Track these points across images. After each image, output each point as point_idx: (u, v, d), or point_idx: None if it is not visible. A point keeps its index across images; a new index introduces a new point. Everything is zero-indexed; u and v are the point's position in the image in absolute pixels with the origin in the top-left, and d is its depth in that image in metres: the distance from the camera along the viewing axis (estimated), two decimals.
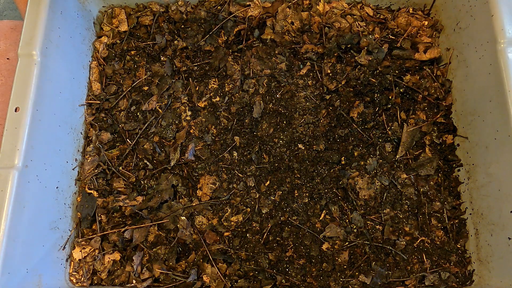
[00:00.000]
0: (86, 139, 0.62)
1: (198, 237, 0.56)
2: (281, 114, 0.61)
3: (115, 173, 0.60)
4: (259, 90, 0.62)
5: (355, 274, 0.54)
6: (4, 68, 0.66)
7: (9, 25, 0.70)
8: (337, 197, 0.57)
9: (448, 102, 0.60)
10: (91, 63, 0.65)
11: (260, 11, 0.65)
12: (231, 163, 0.59)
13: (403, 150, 0.58)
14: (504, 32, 0.50)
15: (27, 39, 0.53)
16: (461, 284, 0.54)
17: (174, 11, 0.67)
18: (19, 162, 0.49)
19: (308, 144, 0.59)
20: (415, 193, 0.57)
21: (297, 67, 0.63)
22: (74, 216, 0.58)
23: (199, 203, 0.57)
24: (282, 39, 0.64)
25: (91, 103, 0.63)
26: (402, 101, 0.60)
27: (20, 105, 0.50)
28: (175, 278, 0.55)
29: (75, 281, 0.56)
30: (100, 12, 0.67)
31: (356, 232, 0.56)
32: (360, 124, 0.59)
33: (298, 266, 0.54)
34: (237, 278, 0.54)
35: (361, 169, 0.58)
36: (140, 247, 0.56)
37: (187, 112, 0.62)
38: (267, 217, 0.57)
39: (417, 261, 0.54)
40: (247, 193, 0.58)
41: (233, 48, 0.64)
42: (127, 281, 0.55)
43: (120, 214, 0.58)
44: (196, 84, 0.63)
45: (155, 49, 0.65)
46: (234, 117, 0.61)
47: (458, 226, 0.56)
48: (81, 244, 0.57)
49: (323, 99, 0.61)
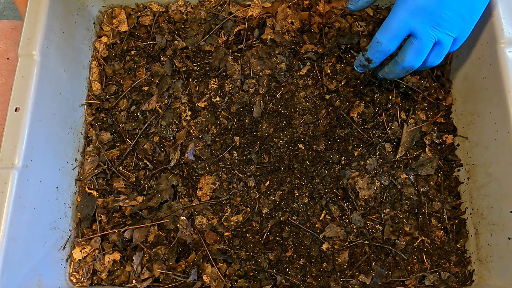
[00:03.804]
0: (86, 139, 0.62)
1: (198, 237, 0.56)
2: (281, 114, 0.61)
3: (115, 173, 0.60)
4: (259, 90, 0.62)
5: (355, 274, 0.54)
6: (4, 68, 0.66)
7: (9, 25, 0.70)
8: (337, 197, 0.57)
9: (448, 102, 0.60)
10: (91, 63, 0.65)
11: (260, 11, 0.65)
12: (231, 163, 0.59)
13: (403, 150, 0.58)
14: (504, 32, 0.50)
15: (27, 39, 0.53)
16: (461, 284, 0.54)
17: (174, 11, 0.67)
18: (19, 162, 0.49)
19: (308, 144, 0.59)
20: (415, 193, 0.57)
21: (297, 67, 0.63)
22: (74, 216, 0.58)
23: (199, 203, 0.57)
24: (282, 39, 0.64)
25: (91, 103, 0.63)
26: (402, 101, 0.60)
27: (20, 105, 0.51)
28: (175, 278, 0.55)
29: (75, 281, 0.56)
30: (100, 12, 0.67)
31: (356, 232, 0.56)
32: (360, 124, 0.59)
33: (298, 266, 0.54)
34: (237, 278, 0.54)
35: (361, 169, 0.58)
36: (140, 247, 0.56)
37: (187, 112, 0.62)
38: (267, 217, 0.57)
39: (417, 261, 0.54)
40: (247, 193, 0.58)
41: (233, 48, 0.64)
42: (127, 281, 0.55)
43: (120, 214, 0.58)
44: (196, 84, 0.63)
45: (155, 49, 0.65)
46: (234, 117, 0.61)
47: (458, 226, 0.56)
48: (81, 244, 0.57)
49: (323, 99, 0.61)
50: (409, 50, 0.46)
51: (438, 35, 0.45)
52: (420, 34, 0.45)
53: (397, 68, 0.49)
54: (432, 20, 0.44)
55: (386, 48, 0.46)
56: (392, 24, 0.45)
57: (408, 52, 0.46)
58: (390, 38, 0.46)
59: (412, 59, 0.47)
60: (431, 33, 0.45)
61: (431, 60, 0.48)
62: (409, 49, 0.46)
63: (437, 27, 0.44)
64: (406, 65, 0.48)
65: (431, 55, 0.47)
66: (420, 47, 0.46)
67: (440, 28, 0.45)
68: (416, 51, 0.46)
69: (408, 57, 0.47)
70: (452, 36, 0.46)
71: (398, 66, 0.49)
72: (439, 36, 0.45)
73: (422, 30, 0.44)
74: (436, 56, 0.47)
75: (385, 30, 0.46)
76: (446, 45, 0.46)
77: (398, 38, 0.46)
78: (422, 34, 0.45)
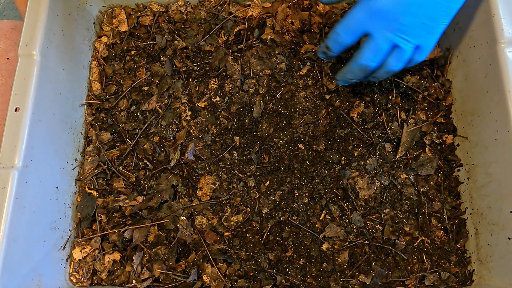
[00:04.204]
0: (86, 139, 0.62)
1: (198, 237, 0.56)
2: (281, 114, 0.61)
3: (115, 173, 0.60)
4: (259, 90, 0.62)
5: (355, 274, 0.54)
6: (4, 68, 0.66)
7: (9, 25, 0.70)
8: (337, 197, 0.57)
9: (448, 102, 0.60)
10: (91, 63, 0.65)
11: (260, 11, 0.65)
12: (231, 163, 0.59)
13: (403, 150, 0.58)
14: (504, 32, 0.50)
15: (27, 39, 0.53)
16: (461, 284, 0.54)
17: (174, 11, 0.67)
18: (19, 162, 0.49)
19: (308, 144, 0.59)
20: (415, 193, 0.57)
21: (297, 67, 0.63)
22: (74, 216, 0.58)
23: (199, 203, 0.57)
24: (282, 39, 0.64)
25: (91, 103, 0.63)
26: (402, 101, 0.60)
27: (20, 105, 0.51)
28: (175, 278, 0.55)
29: (75, 281, 0.56)
30: (100, 12, 0.67)
31: (356, 232, 0.56)
32: (360, 124, 0.59)
33: (298, 266, 0.54)
34: (237, 278, 0.54)
35: (361, 169, 0.58)
36: (140, 247, 0.56)
37: (187, 112, 0.62)
38: (267, 217, 0.57)
39: (417, 261, 0.54)
40: (247, 193, 0.58)
41: (233, 48, 0.64)
42: (127, 281, 0.55)
43: (120, 214, 0.58)
44: (196, 84, 0.63)
45: (155, 49, 0.65)
46: (234, 117, 0.61)
47: (458, 226, 0.56)
48: (81, 244, 0.57)
49: (323, 99, 0.61)
50: (365, 48, 0.47)
51: (395, 39, 0.46)
52: (375, 35, 0.46)
53: (354, 66, 0.50)
54: (389, 24, 0.45)
55: (343, 40, 0.48)
56: (350, 21, 0.47)
57: (364, 50, 0.48)
58: (347, 32, 0.47)
59: (368, 58, 0.48)
60: (388, 36, 0.45)
61: (391, 63, 0.48)
62: (365, 47, 0.47)
63: (394, 31, 0.45)
64: (362, 63, 0.48)
65: (391, 59, 0.48)
66: (375, 47, 0.47)
67: (398, 33, 0.45)
68: (371, 50, 0.47)
69: (364, 55, 0.48)
70: (411, 43, 0.46)
71: (355, 64, 0.49)
72: (396, 40, 0.46)
73: (377, 32, 0.46)
74: (396, 60, 0.47)
75: (344, 25, 0.47)
76: (405, 51, 0.46)
77: (355, 34, 0.47)
78: (377, 35, 0.46)
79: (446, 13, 0.45)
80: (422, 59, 0.49)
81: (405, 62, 0.48)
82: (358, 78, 0.52)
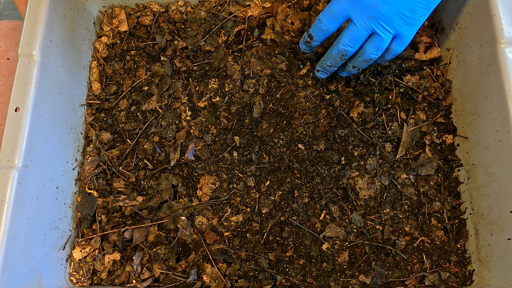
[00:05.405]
0: (86, 139, 0.62)
1: (198, 237, 0.56)
2: (281, 114, 0.61)
3: (115, 173, 0.60)
4: (259, 90, 0.62)
5: (355, 274, 0.54)
6: (4, 68, 0.66)
7: (9, 25, 0.70)
8: (337, 197, 0.57)
9: (448, 102, 0.60)
10: (91, 63, 0.65)
11: (260, 11, 0.65)
12: (231, 163, 0.59)
13: (403, 150, 0.58)
14: (504, 32, 0.50)
15: (27, 39, 0.53)
16: (461, 284, 0.54)
17: (174, 11, 0.67)
18: (19, 162, 0.49)
19: (308, 144, 0.59)
20: (415, 193, 0.57)
21: (297, 67, 0.63)
22: (74, 216, 0.58)
23: (199, 203, 0.57)
24: (282, 39, 0.64)
25: (91, 103, 0.63)
26: (402, 101, 0.60)
27: (20, 105, 0.51)
28: (175, 278, 0.55)
29: (75, 281, 0.56)
30: (100, 12, 0.67)
31: (356, 232, 0.56)
32: (360, 124, 0.59)
33: (298, 266, 0.54)
34: (237, 278, 0.54)
35: (361, 169, 0.58)
36: (140, 247, 0.56)
37: (187, 112, 0.62)
38: (267, 217, 0.57)
39: (417, 261, 0.54)
40: (247, 193, 0.58)
41: (233, 48, 0.64)
42: (127, 281, 0.55)
43: (120, 214, 0.58)
44: (196, 84, 0.63)
45: (155, 49, 0.65)
46: (234, 117, 0.61)
47: (458, 226, 0.56)
48: (81, 244, 0.57)
49: (323, 99, 0.61)
50: (345, 33, 0.50)
51: (372, 26, 0.48)
52: (355, 21, 0.48)
53: (334, 51, 0.52)
54: (367, 10, 0.47)
55: (325, 27, 0.51)
56: (332, 7, 0.49)
57: (344, 35, 0.50)
58: (329, 19, 0.50)
59: (347, 42, 0.50)
60: (366, 22, 0.48)
61: (369, 50, 0.50)
62: (345, 32, 0.50)
63: (373, 18, 0.47)
64: (341, 48, 0.51)
65: (369, 45, 0.50)
66: (354, 33, 0.49)
67: (375, 20, 0.47)
68: (350, 35, 0.49)
69: (343, 40, 0.50)
70: (389, 31, 0.48)
71: (334, 49, 0.52)
72: (374, 28, 0.48)
73: (357, 18, 0.48)
74: (373, 47, 0.50)
75: (327, 11, 0.50)
76: (383, 39, 0.49)
77: (337, 20, 0.50)
78: (357, 21, 0.48)
79: (425, 6, 0.47)
80: (401, 50, 0.51)
81: (382, 50, 0.50)
82: (338, 65, 0.54)
